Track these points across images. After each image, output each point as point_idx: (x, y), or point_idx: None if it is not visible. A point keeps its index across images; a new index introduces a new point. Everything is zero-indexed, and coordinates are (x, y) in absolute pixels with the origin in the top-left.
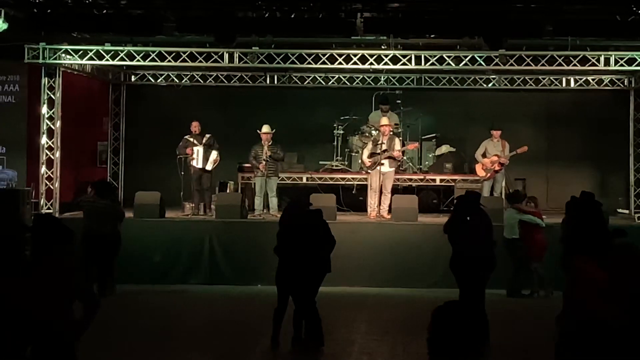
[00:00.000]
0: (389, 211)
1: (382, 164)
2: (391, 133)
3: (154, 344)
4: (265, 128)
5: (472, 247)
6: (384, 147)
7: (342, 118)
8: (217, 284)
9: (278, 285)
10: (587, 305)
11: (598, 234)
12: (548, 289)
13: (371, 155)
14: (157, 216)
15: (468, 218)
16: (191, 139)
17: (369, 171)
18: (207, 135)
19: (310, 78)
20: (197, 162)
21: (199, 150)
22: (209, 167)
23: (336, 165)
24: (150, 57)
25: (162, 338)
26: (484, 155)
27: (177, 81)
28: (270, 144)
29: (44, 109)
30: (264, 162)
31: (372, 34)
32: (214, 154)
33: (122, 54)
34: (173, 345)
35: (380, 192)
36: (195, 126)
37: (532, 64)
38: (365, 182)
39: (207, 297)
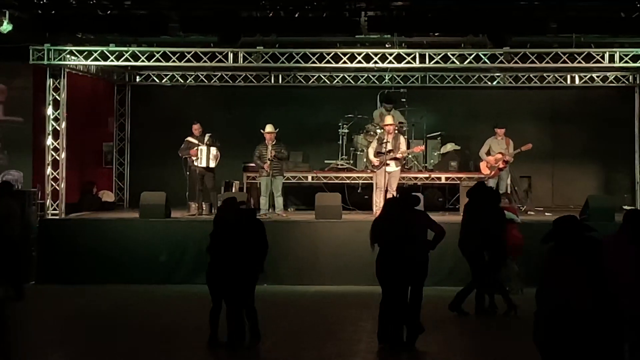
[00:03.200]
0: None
1: (388, 164)
2: (396, 132)
3: (159, 345)
4: (269, 128)
5: (398, 247)
6: (389, 146)
7: (346, 117)
8: None
9: (209, 285)
10: (559, 292)
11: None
12: (517, 286)
13: (377, 154)
14: (163, 216)
15: (404, 217)
16: (193, 140)
17: (374, 170)
18: (208, 135)
19: (314, 77)
20: (200, 162)
21: (202, 150)
22: (212, 164)
23: (341, 164)
24: (155, 58)
25: (168, 338)
26: (488, 153)
27: (182, 81)
28: (274, 143)
29: (49, 110)
30: (268, 162)
31: (376, 32)
32: (213, 150)
33: (126, 55)
34: (178, 345)
35: (386, 191)
36: (196, 129)
37: (536, 61)
38: (370, 181)
39: None
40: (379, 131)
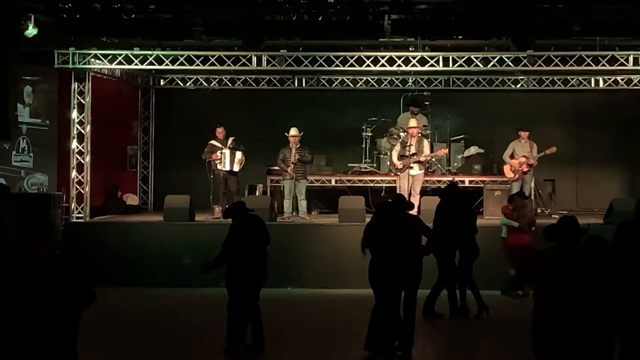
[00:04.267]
0: (418, 212)
1: (412, 167)
2: (420, 135)
3: (181, 348)
4: (293, 131)
5: (390, 253)
6: (413, 149)
7: (370, 120)
8: None
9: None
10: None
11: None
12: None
13: (400, 157)
14: (187, 219)
15: (396, 222)
16: (216, 144)
17: (398, 173)
18: (231, 139)
19: (338, 80)
20: (223, 165)
21: (225, 153)
22: (235, 168)
23: (365, 168)
24: (179, 61)
25: (190, 341)
26: (512, 157)
27: (206, 85)
28: (298, 146)
29: (74, 114)
30: (292, 166)
31: (399, 35)
32: (238, 155)
33: (150, 58)
34: (200, 348)
35: (409, 194)
36: (220, 132)
37: (560, 64)
38: (394, 184)
39: None
40: (402, 134)
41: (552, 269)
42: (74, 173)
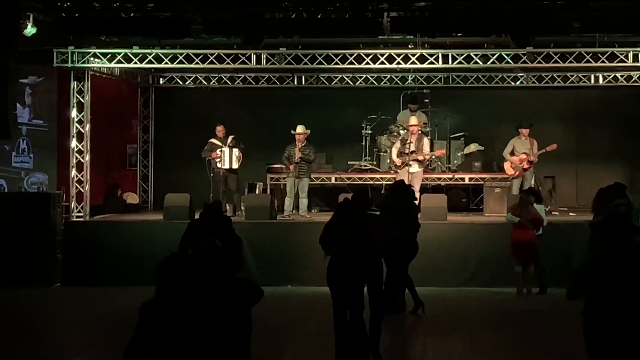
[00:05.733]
0: (418, 210)
1: (410, 165)
2: (419, 132)
3: None
4: (299, 129)
5: (348, 254)
6: (412, 147)
7: (369, 117)
8: None
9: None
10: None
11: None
12: (523, 287)
13: (400, 154)
14: (187, 218)
15: (356, 221)
16: (216, 142)
17: (397, 171)
18: (231, 137)
19: (337, 78)
20: (223, 163)
21: (225, 151)
22: (234, 165)
23: (364, 165)
24: (178, 60)
25: None
26: (512, 154)
27: (205, 83)
28: (303, 144)
29: (74, 113)
30: (294, 164)
31: (399, 33)
32: (235, 152)
33: (150, 57)
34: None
35: None
36: (219, 131)
37: (559, 61)
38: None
39: None
40: (402, 132)
41: (613, 271)
42: (73, 172)
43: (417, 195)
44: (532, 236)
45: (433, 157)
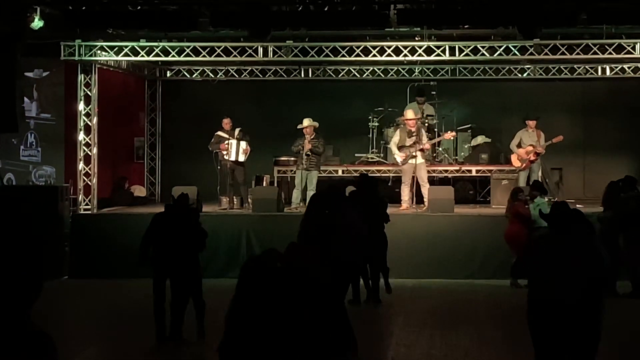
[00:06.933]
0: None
1: (415, 156)
2: (418, 124)
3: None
4: (305, 122)
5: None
6: (414, 139)
7: (376, 110)
8: None
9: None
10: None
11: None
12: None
13: (400, 148)
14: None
15: (327, 215)
16: (223, 134)
17: (402, 164)
18: (238, 129)
19: (344, 71)
20: (230, 155)
21: (232, 143)
22: (241, 158)
23: (371, 158)
24: (185, 53)
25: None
26: (519, 146)
27: (212, 76)
28: (312, 137)
29: (81, 106)
30: (304, 157)
31: (405, 25)
32: (243, 144)
33: (157, 50)
34: (210, 340)
35: (418, 185)
36: (226, 123)
37: (567, 53)
38: (400, 174)
39: None
40: (402, 125)
41: (549, 253)
42: (81, 165)
43: (427, 186)
44: (517, 230)
45: (442, 144)
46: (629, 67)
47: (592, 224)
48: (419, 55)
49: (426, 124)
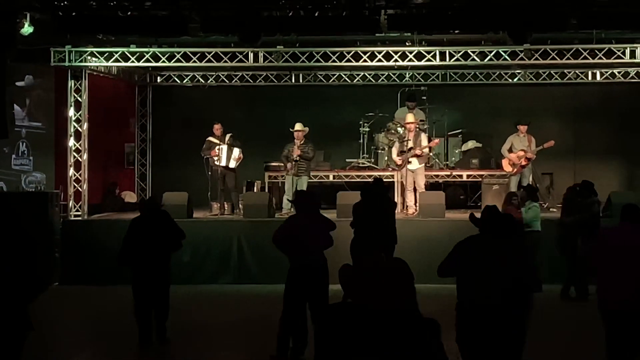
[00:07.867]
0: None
1: (410, 162)
2: (417, 129)
3: (184, 343)
4: (297, 126)
5: (301, 254)
6: (410, 144)
7: (367, 115)
8: (246, 283)
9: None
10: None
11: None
12: None
13: (400, 153)
14: (185, 216)
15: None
16: (214, 140)
17: (398, 170)
18: (229, 135)
19: (335, 76)
20: (220, 161)
21: (222, 149)
22: (232, 164)
23: (362, 163)
24: (176, 58)
25: (192, 337)
26: (510, 151)
27: (203, 81)
28: (302, 142)
29: (71, 112)
30: (292, 162)
31: (396, 30)
32: (236, 152)
33: (147, 55)
34: (204, 345)
35: (415, 190)
36: (217, 129)
37: (557, 57)
38: (392, 179)
39: (236, 297)
40: (400, 129)
41: (475, 256)
42: (71, 171)
43: (423, 190)
44: None
45: (432, 152)
46: (619, 72)
47: (522, 228)
48: (410, 60)
49: (426, 128)
